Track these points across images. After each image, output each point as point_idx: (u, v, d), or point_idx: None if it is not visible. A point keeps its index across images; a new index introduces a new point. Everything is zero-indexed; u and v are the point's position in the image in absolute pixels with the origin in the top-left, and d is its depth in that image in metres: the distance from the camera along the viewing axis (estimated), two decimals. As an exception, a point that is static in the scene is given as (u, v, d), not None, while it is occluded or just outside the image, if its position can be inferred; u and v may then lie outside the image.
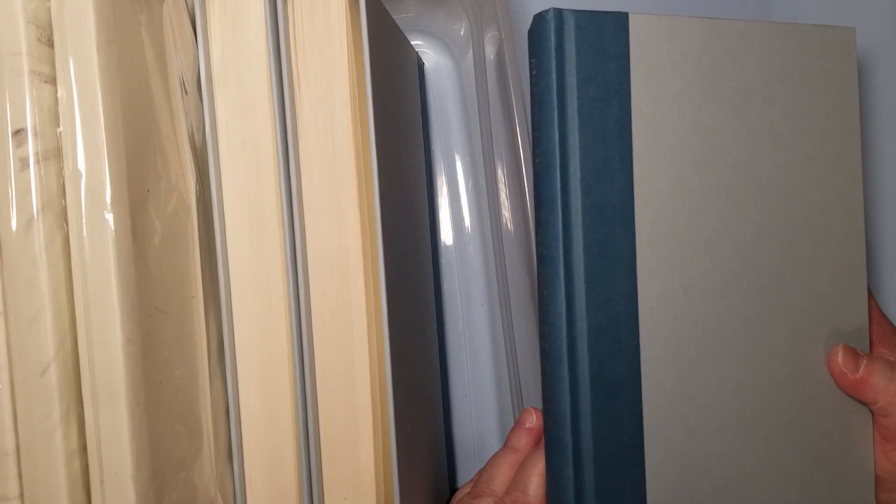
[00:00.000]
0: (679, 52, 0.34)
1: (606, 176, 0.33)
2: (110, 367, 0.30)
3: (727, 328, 0.34)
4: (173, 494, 0.32)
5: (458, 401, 0.53)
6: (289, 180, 0.34)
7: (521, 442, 0.37)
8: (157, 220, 0.32)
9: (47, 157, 0.30)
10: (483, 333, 0.53)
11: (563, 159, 0.33)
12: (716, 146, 0.34)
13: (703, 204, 0.34)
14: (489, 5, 0.48)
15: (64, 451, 0.30)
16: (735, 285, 0.34)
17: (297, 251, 0.34)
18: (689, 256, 0.34)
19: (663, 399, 0.34)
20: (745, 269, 0.35)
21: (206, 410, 0.35)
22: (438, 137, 0.53)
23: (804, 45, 0.35)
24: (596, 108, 0.33)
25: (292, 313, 0.34)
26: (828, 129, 0.36)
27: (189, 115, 0.35)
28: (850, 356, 0.35)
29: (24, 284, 0.30)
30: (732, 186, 0.34)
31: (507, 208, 0.49)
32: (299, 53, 0.34)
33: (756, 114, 0.35)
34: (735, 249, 0.34)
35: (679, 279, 0.34)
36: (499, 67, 0.48)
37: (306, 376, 0.34)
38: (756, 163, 0.35)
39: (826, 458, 0.36)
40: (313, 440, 0.34)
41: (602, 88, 0.33)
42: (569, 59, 0.33)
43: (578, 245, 0.32)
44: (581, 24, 0.33)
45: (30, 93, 0.30)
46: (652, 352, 0.33)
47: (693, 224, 0.34)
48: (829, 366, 0.35)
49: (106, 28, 0.30)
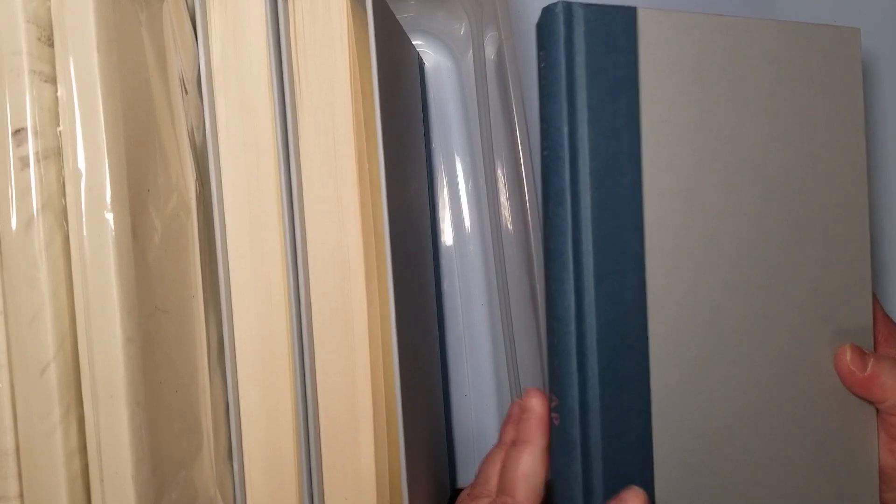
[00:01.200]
0: (686, 48, 0.34)
1: (616, 170, 0.32)
2: (110, 366, 0.30)
3: (732, 325, 0.34)
4: (173, 494, 0.32)
5: (458, 400, 0.53)
6: (289, 179, 0.34)
7: (511, 437, 0.37)
8: (157, 219, 0.32)
9: (47, 157, 0.30)
10: (483, 333, 0.53)
11: (573, 152, 0.32)
12: (721, 143, 0.34)
13: (707, 200, 0.34)
14: (489, 5, 0.48)
15: (64, 450, 0.30)
16: (740, 282, 0.34)
17: (298, 250, 0.34)
18: (695, 252, 0.34)
19: (671, 395, 0.33)
20: (750, 266, 0.34)
21: (206, 410, 0.35)
22: (438, 137, 0.53)
23: (809, 45, 0.35)
24: (605, 102, 0.32)
25: (292, 313, 0.34)
26: (832, 128, 0.36)
27: (189, 115, 0.35)
28: (858, 355, 0.35)
29: (24, 284, 0.30)
30: (737, 183, 0.34)
31: (506, 208, 0.49)
32: (300, 53, 0.34)
33: (761, 111, 0.35)
34: (740, 246, 0.34)
35: (686, 275, 0.33)
36: (499, 67, 0.48)
37: (306, 376, 0.34)
38: (761, 160, 0.35)
39: (831, 456, 0.36)
40: (313, 439, 0.34)
41: (611, 82, 0.32)
42: (578, 52, 0.32)
43: (588, 239, 0.32)
44: (590, 18, 0.32)
45: (30, 92, 0.30)
46: (660, 347, 0.33)
47: (698, 220, 0.34)
48: (837, 364, 0.35)
49: (106, 27, 0.30)
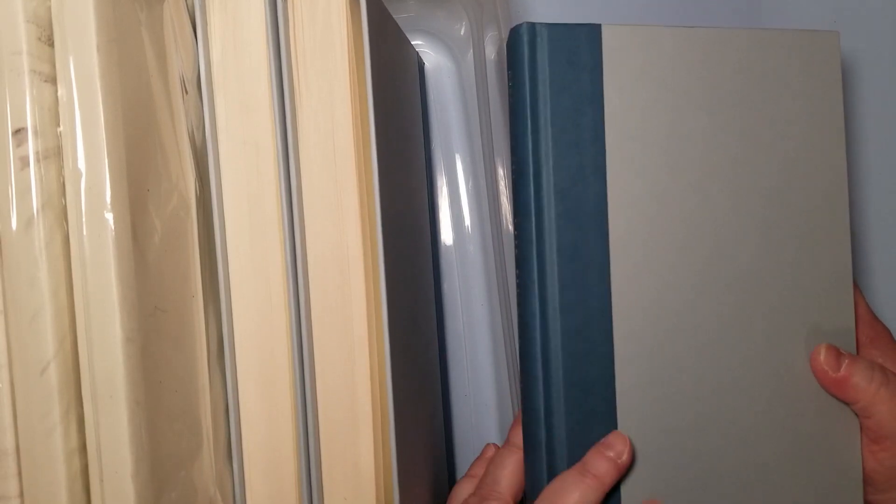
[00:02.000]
0: (653, 61, 0.35)
1: (580, 182, 0.34)
2: (110, 366, 0.30)
3: (703, 329, 0.35)
4: (173, 493, 0.32)
5: (458, 401, 0.53)
6: (289, 179, 0.34)
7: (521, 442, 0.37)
8: (157, 219, 0.32)
9: (47, 157, 0.30)
10: (483, 333, 0.53)
11: (536, 167, 0.34)
12: (690, 151, 0.35)
13: (677, 207, 0.35)
14: (489, 5, 0.48)
15: (63, 449, 0.30)
16: (711, 287, 0.35)
17: (297, 250, 0.34)
18: (664, 259, 0.35)
19: (638, 399, 0.34)
20: (722, 271, 0.35)
21: (206, 409, 0.35)
22: (438, 137, 0.53)
23: (786, 51, 0.36)
24: (569, 118, 0.34)
25: (292, 312, 0.34)
26: (811, 131, 0.36)
27: (189, 115, 0.35)
28: (833, 355, 0.35)
29: (24, 283, 0.30)
30: (708, 189, 0.35)
31: (506, 208, 0.49)
32: (299, 53, 0.34)
33: (733, 118, 0.35)
34: (711, 251, 0.35)
35: (654, 281, 0.35)
36: (499, 67, 0.48)
37: (306, 375, 0.34)
38: (733, 166, 0.35)
39: (811, 459, 0.36)
40: (313, 439, 0.34)
41: (575, 98, 0.34)
42: (541, 70, 0.34)
43: (552, 249, 0.34)
44: (554, 37, 0.34)
45: (30, 92, 0.30)
46: (626, 352, 0.34)
47: (667, 227, 0.35)
48: (812, 364, 0.36)
49: (106, 27, 0.30)
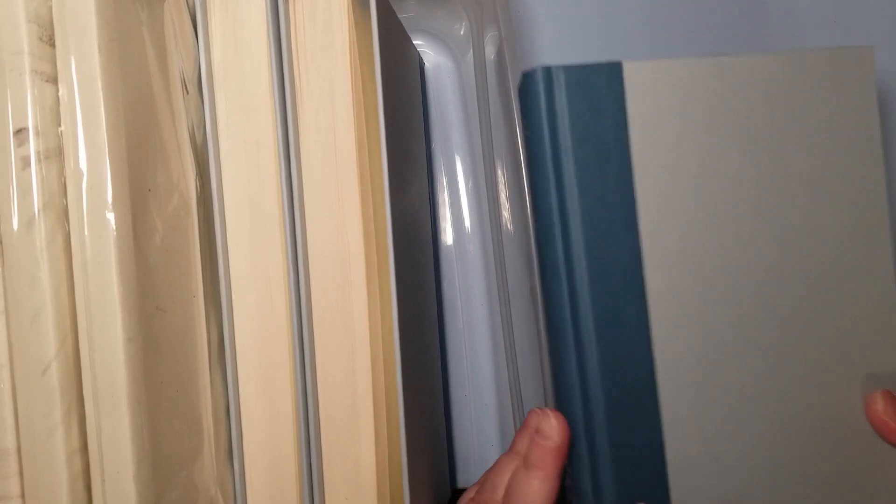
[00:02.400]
0: (679, 97, 0.32)
1: (611, 239, 0.31)
2: (111, 365, 0.30)
3: (751, 382, 0.33)
4: (174, 493, 0.32)
5: (458, 401, 0.53)
6: (289, 179, 0.34)
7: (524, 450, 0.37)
8: (158, 219, 0.32)
9: (49, 156, 0.30)
10: (483, 333, 0.53)
11: (564, 226, 0.31)
12: (724, 192, 0.32)
13: (716, 255, 0.32)
14: (489, 5, 0.48)
15: (65, 449, 0.30)
16: (757, 336, 0.33)
17: (298, 249, 0.34)
18: (706, 313, 0.32)
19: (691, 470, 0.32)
20: (767, 318, 0.33)
21: (207, 409, 0.35)
22: (438, 137, 0.53)
23: (816, 73, 0.33)
24: (595, 168, 0.31)
25: (293, 312, 0.34)
26: (847, 156, 0.33)
27: (190, 114, 0.35)
28: (891, 403, 0.33)
29: (26, 283, 0.30)
30: (746, 232, 0.33)
31: (506, 208, 0.49)
32: (300, 52, 0.34)
33: (766, 151, 0.33)
34: (754, 297, 0.33)
35: (697, 338, 0.32)
36: (499, 67, 0.48)
37: (307, 375, 0.34)
38: (769, 203, 0.33)
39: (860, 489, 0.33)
40: (314, 439, 0.34)
41: (599, 146, 0.31)
42: (561, 118, 0.31)
43: (587, 317, 0.31)
44: (572, 81, 0.31)
45: (31, 92, 0.30)
46: (674, 417, 0.32)
47: (707, 277, 0.32)
48: (868, 413, 0.33)
49: (107, 27, 0.30)
